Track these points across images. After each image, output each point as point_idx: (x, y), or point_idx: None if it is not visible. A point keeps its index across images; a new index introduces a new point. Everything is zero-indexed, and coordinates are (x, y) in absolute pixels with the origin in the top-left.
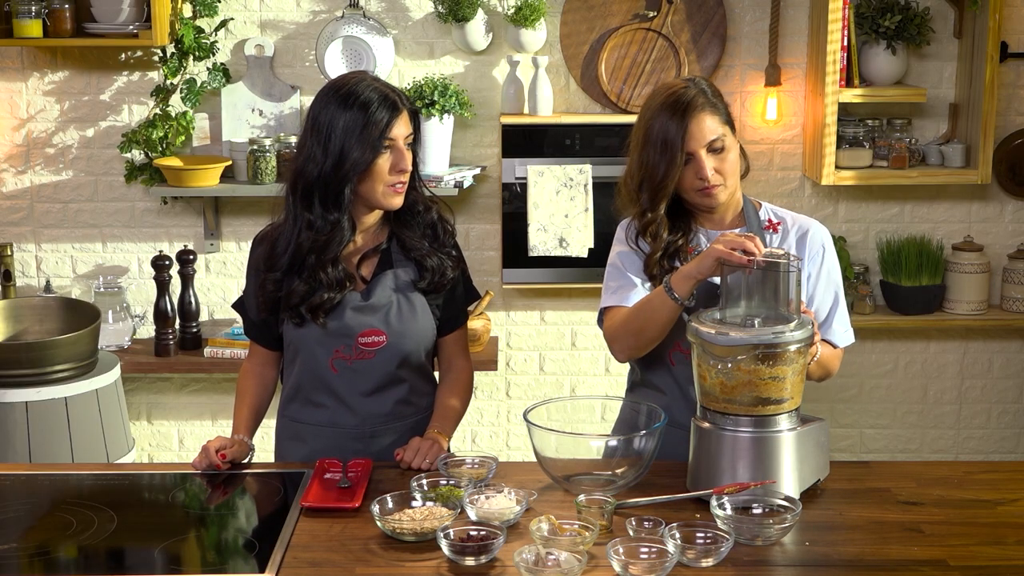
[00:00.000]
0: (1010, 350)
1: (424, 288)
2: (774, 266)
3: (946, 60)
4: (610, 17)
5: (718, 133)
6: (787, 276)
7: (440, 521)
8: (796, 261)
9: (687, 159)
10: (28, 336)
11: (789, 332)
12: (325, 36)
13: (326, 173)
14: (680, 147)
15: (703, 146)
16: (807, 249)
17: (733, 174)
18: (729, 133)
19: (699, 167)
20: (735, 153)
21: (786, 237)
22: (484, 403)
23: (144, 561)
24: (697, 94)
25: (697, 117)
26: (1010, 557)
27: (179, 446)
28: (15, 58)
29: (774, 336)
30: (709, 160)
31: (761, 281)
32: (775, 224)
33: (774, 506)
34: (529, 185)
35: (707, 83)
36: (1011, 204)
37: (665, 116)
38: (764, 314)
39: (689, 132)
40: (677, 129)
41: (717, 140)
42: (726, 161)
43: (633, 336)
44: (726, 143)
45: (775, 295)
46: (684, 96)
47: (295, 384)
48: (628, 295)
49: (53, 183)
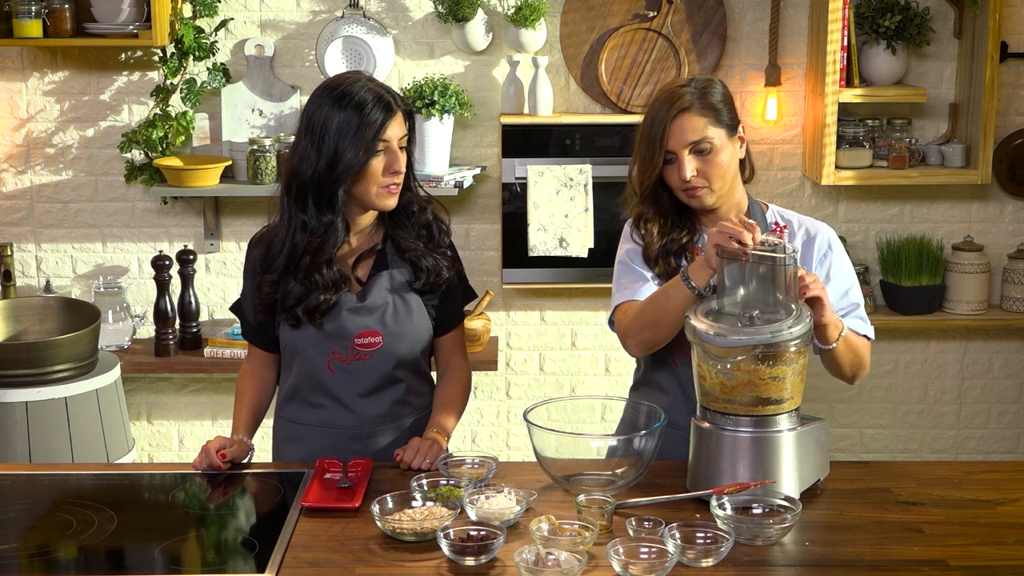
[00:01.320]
0: (1010, 350)
1: (420, 289)
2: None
3: (946, 60)
4: (610, 17)
5: (702, 135)
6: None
7: (440, 521)
8: (793, 252)
9: (669, 158)
10: (28, 336)
11: (787, 329)
12: (325, 36)
13: (320, 174)
14: (659, 145)
15: (684, 146)
16: (814, 252)
17: (720, 177)
18: (722, 136)
19: (680, 167)
20: (727, 156)
21: (792, 240)
22: (484, 403)
23: (144, 561)
24: (689, 94)
25: (680, 117)
26: (1010, 557)
27: (179, 446)
28: (15, 58)
29: (771, 335)
30: (692, 161)
31: (758, 270)
32: (782, 228)
33: (774, 506)
34: (529, 185)
35: (711, 84)
36: (1011, 204)
37: (654, 113)
38: (761, 304)
39: (669, 131)
40: (659, 127)
41: (702, 142)
42: (711, 164)
43: (648, 329)
44: (714, 145)
45: (772, 283)
46: (675, 95)
47: (292, 385)
48: (639, 289)
49: (53, 183)
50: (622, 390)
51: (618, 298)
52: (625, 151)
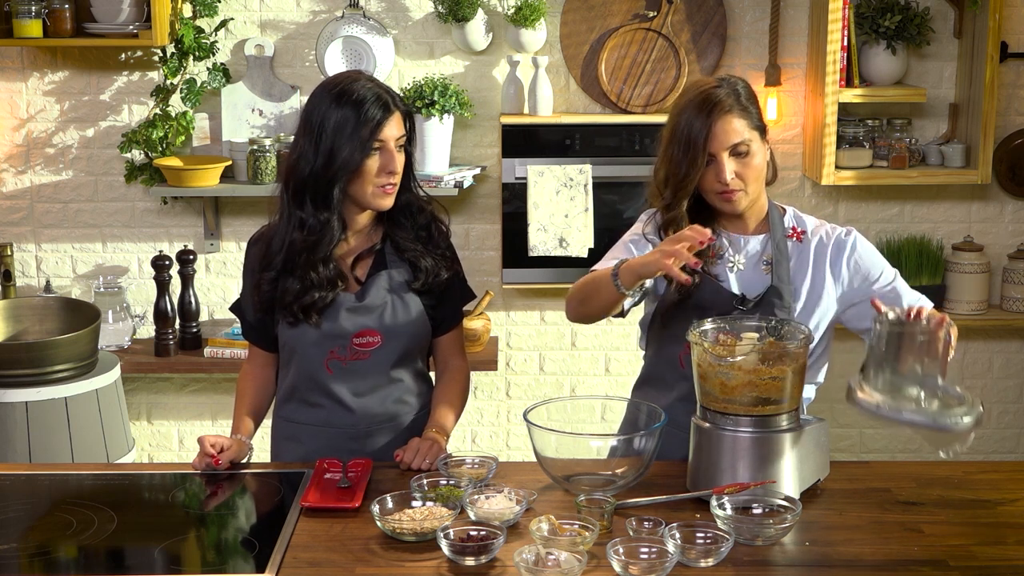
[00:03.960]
0: (1010, 350)
1: (418, 289)
2: (897, 334)
3: (946, 60)
4: (610, 17)
5: (743, 137)
6: (928, 341)
7: (440, 521)
8: (947, 325)
9: (709, 160)
10: (28, 336)
11: (962, 418)
12: (325, 36)
13: (317, 172)
14: (702, 147)
15: (725, 148)
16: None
17: (756, 180)
18: (757, 138)
19: (720, 170)
20: (761, 159)
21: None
22: (484, 403)
23: (144, 561)
24: (727, 95)
25: (723, 119)
26: (1010, 557)
27: (179, 446)
28: (15, 58)
29: (952, 422)
30: (731, 163)
31: (903, 349)
32: (799, 232)
33: (774, 506)
34: (529, 185)
35: (744, 85)
36: (1011, 204)
37: (691, 114)
38: (920, 379)
39: (712, 133)
40: (701, 129)
41: (741, 144)
42: (749, 166)
43: (578, 303)
44: (751, 148)
45: (922, 363)
46: (713, 96)
47: (290, 385)
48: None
49: (53, 183)
50: (622, 390)
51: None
52: (625, 151)
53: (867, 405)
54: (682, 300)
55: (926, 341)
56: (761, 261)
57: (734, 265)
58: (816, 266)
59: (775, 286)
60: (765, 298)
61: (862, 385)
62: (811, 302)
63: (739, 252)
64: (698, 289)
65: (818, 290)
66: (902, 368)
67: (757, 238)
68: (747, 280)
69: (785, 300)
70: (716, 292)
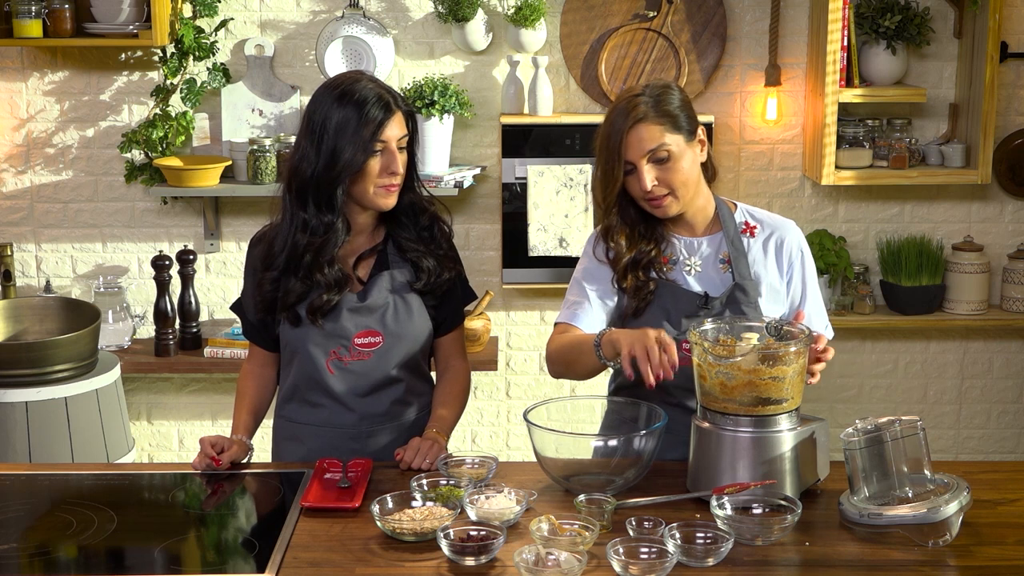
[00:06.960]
0: (1010, 350)
1: (420, 289)
2: (878, 439)
3: (946, 60)
4: (610, 17)
5: (658, 143)
6: (910, 440)
7: (440, 521)
8: (915, 424)
9: (630, 168)
10: (28, 336)
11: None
12: (325, 36)
13: (319, 173)
14: (618, 157)
15: (642, 156)
16: (785, 258)
17: (683, 185)
18: (680, 142)
19: (639, 177)
20: (688, 163)
21: (760, 242)
22: (484, 403)
23: (144, 561)
24: (644, 102)
25: (636, 127)
26: (1010, 557)
27: (179, 446)
28: (15, 58)
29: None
30: (651, 170)
31: (883, 456)
32: (751, 227)
33: (774, 506)
34: (529, 185)
35: (666, 91)
36: (1011, 204)
37: (611, 123)
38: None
39: (626, 142)
40: (616, 138)
41: (659, 150)
42: (672, 171)
43: (563, 366)
44: (672, 152)
45: (903, 465)
46: (629, 105)
47: (292, 384)
48: (578, 313)
49: (53, 183)
50: None
51: (559, 316)
52: None
53: (851, 515)
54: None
55: (901, 439)
56: (718, 261)
57: (691, 268)
58: (768, 265)
59: (738, 283)
60: (731, 296)
61: (851, 500)
62: (773, 294)
63: (693, 254)
64: (656, 296)
65: (777, 282)
66: (887, 473)
67: (709, 238)
68: (707, 280)
69: (751, 296)
70: (677, 294)
